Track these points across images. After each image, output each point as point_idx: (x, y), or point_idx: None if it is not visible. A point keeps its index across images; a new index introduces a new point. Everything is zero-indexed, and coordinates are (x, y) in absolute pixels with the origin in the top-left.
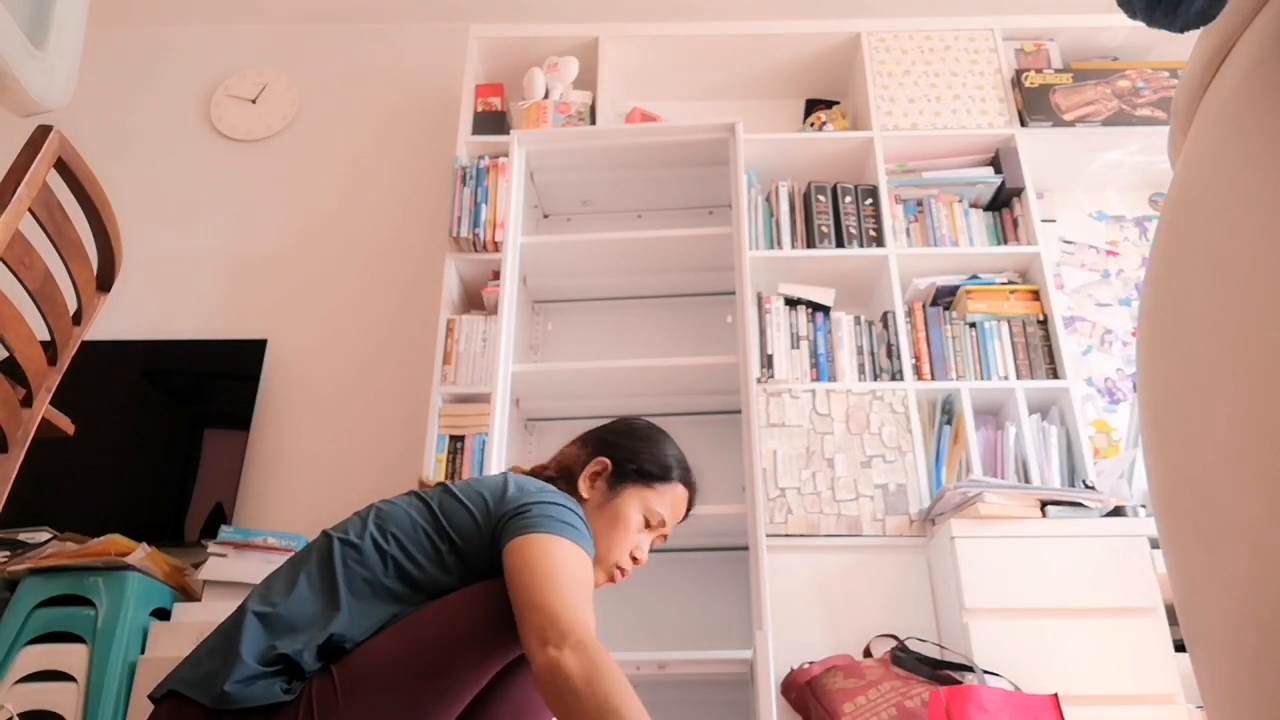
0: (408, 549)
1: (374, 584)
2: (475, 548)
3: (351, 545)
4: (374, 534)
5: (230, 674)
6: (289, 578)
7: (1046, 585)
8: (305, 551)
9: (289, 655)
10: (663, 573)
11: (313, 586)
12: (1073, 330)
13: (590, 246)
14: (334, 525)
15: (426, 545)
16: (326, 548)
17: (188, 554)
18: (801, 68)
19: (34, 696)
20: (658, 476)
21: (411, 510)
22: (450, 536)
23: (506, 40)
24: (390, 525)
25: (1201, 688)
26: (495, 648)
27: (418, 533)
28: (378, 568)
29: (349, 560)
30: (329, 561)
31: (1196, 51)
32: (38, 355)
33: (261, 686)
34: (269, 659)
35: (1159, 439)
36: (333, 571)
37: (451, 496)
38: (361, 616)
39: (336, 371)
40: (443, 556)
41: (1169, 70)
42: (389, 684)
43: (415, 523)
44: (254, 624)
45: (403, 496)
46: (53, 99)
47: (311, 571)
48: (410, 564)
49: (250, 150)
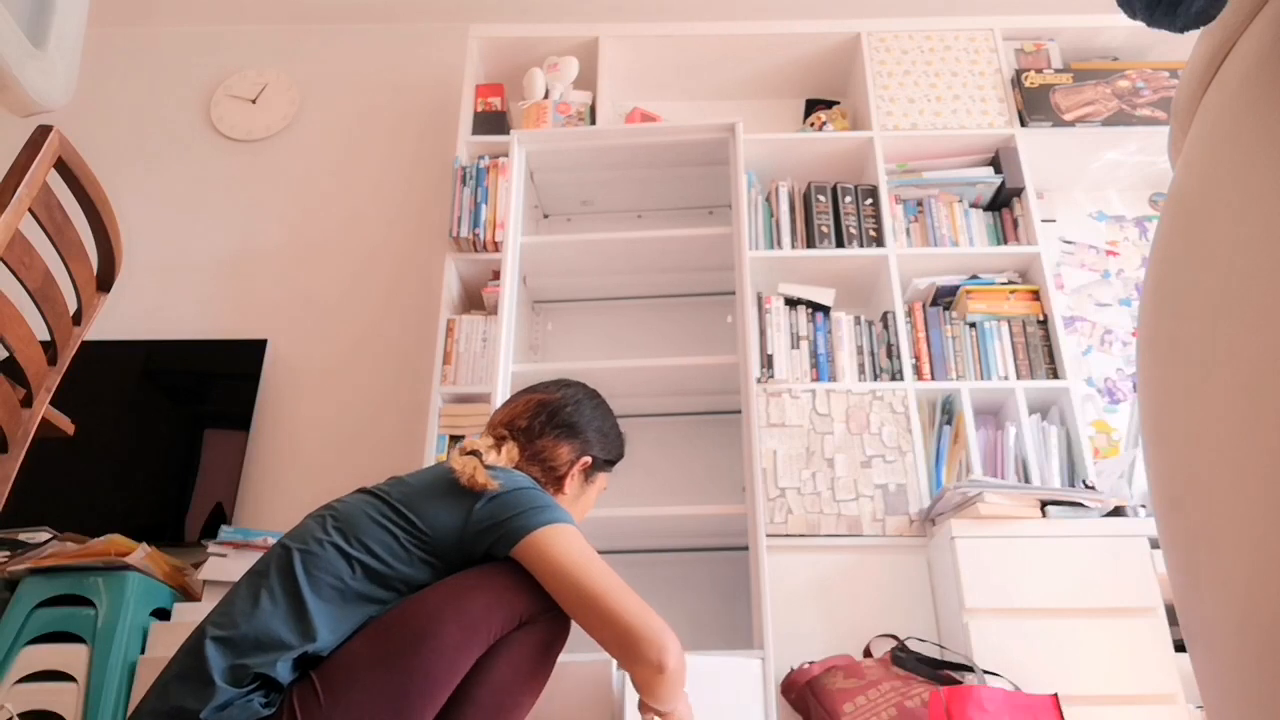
0: (372, 549)
1: (342, 590)
2: (446, 538)
3: (312, 554)
4: (334, 539)
5: (206, 701)
6: (249, 595)
7: (1046, 585)
8: (262, 565)
9: (264, 673)
10: (663, 573)
11: (275, 601)
12: (1073, 330)
13: (590, 246)
14: (288, 533)
15: (392, 543)
16: (285, 559)
17: (188, 554)
18: (801, 68)
19: (34, 696)
20: (616, 460)
21: (368, 509)
22: (418, 530)
23: (506, 40)
24: (350, 527)
25: (1201, 687)
26: (476, 635)
27: (381, 530)
28: (344, 572)
29: (311, 569)
30: (290, 573)
31: (1196, 51)
32: (38, 355)
33: (239, 707)
34: (243, 680)
35: (1159, 439)
36: (296, 583)
37: (410, 489)
38: (334, 622)
39: (336, 371)
40: (410, 551)
41: (1169, 70)
42: (371, 679)
43: (375, 520)
44: (216, 649)
45: (353, 495)
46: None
47: (273, 586)
48: (377, 563)
49: (250, 150)
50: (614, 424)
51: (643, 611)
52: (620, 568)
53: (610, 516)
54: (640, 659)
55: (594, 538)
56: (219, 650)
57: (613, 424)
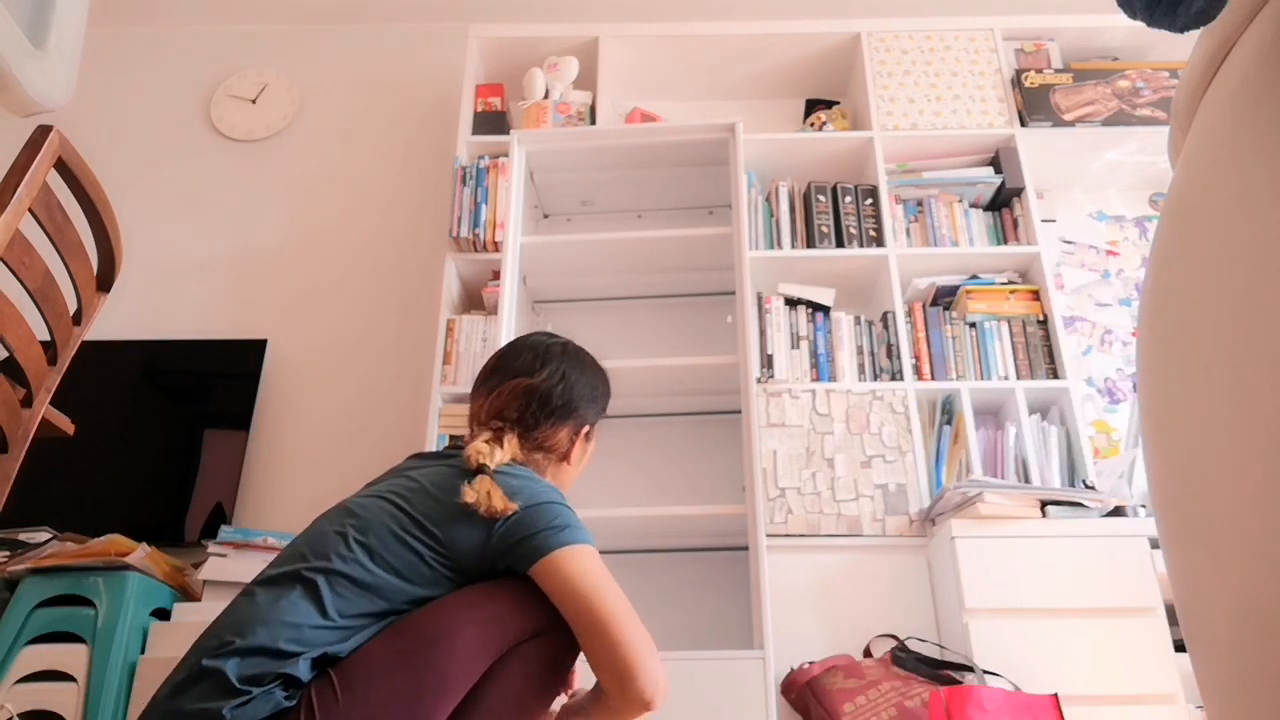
0: (398, 569)
1: (365, 606)
2: (468, 556)
3: (335, 572)
4: (359, 556)
5: (225, 701)
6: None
7: (1046, 585)
8: (276, 573)
9: (284, 673)
10: (663, 573)
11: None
12: (1073, 330)
13: (590, 246)
14: (306, 538)
15: (416, 561)
16: (307, 571)
17: (188, 554)
18: (801, 68)
19: (34, 696)
20: (607, 405)
21: (391, 523)
22: (441, 547)
23: (506, 40)
24: (376, 545)
25: (1201, 687)
26: (492, 640)
27: (404, 549)
28: (366, 595)
29: (336, 586)
30: (313, 587)
31: (1196, 51)
32: (38, 355)
33: (261, 700)
34: (263, 681)
35: (1159, 439)
36: (319, 597)
37: (431, 501)
38: (352, 632)
39: (336, 371)
40: (434, 569)
41: (1169, 70)
42: (387, 678)
43: (398, 537)
44: (231, 655)
45: (371, 501)
46: (53, 99)
47: (295, 599)
48: (401, 581)
49: (250, 150)
50: (600, 377)
51: (647, 650)
52: (620, 568)
53: (610, 516)
54: (631, 695)
55: (595, 537)
56: (234, 657)
57: (599, 378)
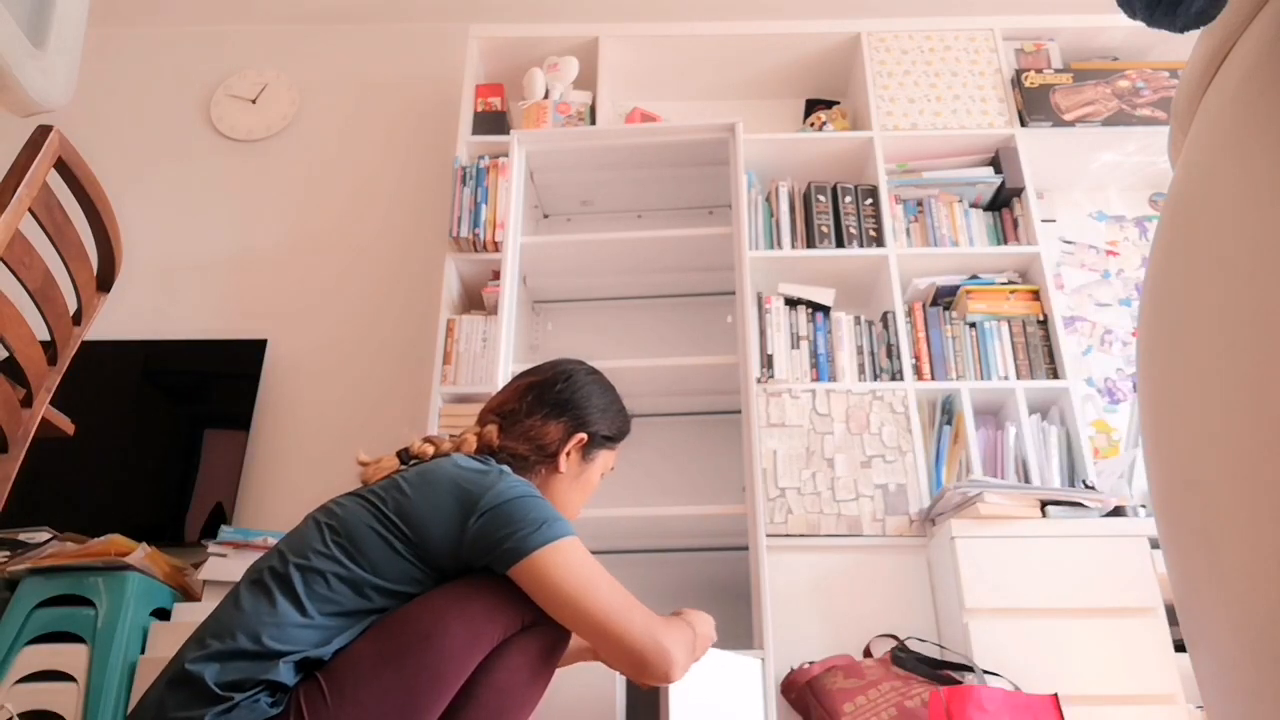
0: (375, 563)
1: (343, 604)
2: (442, 552)
3: (312, 568)
4: (335, 553)
5: (205, 708)
6: (247, 604)
7: (1046, 585)
8: (257, 575)
9: (267, 679)
10: (663, 573)
11: (275, 613)
12: (1073, 330)
13: (590, 246)
14: (287, 539)
15: (392, 555)
16: (284, 570)
17: (188, 554)
18: (801, 68)
19: (34, 696)
20: (620, 437)
21: (367, 519)
22: (413, 543)
23: (506, 40)
24: (352, 542)
25: (1201, 687)
26: (481, 636)
27: (380, 543)
28: (345, 589)
29: (312, 584)
30: (289, 585)
31: (1196, 51)
32: (38, 355)
33: (246, 708)
34: (245, 686)
35: (1159, 439)
36: (296, 595)
37: (405, 498)
38: (333, 633)
39: (336, 371)
40: (410, 563)
41: (1169, 70)
42: (377, 678)
43: (374, 530)
44: (212, 660)
45: (351, 500)
46: (53, 99)
47: (275, 598)
48: (378, 578)
49: (250, 150)
50: (614, 400)
51: (646, 629)
52: (620, 568)
53: (610, 516)
54: (648, 675)
55: (594, 538)
56: (214, 662)
57: (612, 400)
